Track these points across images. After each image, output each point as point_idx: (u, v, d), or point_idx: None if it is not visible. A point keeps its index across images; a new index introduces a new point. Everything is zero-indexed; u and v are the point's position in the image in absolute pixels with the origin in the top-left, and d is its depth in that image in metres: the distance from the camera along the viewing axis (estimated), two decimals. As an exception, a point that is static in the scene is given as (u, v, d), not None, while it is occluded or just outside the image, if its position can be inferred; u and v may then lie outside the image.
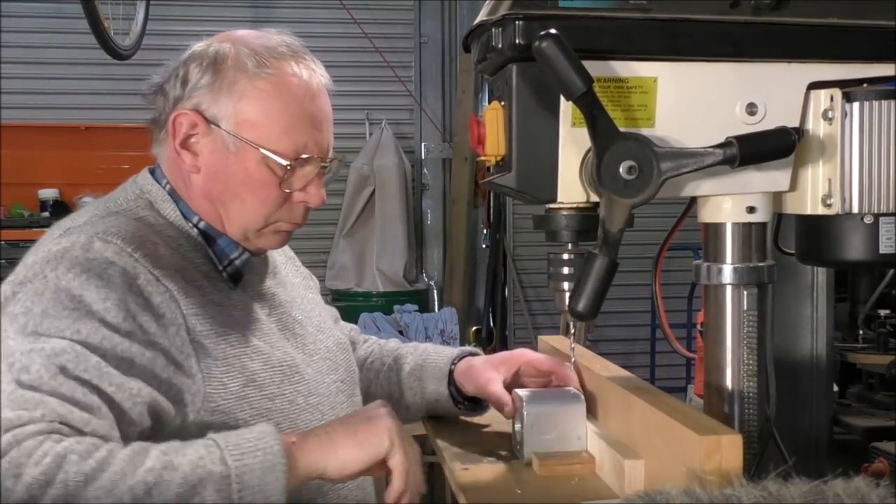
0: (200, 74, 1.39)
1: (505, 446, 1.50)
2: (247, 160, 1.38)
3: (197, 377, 1.28)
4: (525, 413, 1.42)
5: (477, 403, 1.65)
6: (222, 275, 1.42)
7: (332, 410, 1.46)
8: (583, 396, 1.46)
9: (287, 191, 1.40)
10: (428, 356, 1.71)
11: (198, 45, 1.44)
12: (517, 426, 1.45)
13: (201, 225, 1.42)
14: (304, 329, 1.52)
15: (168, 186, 1.44)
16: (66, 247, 1.25)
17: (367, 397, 1.65)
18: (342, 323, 1.80)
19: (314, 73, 1.44)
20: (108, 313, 1.20)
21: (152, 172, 1.47)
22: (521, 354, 1.62)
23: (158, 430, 1.22)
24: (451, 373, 1.65)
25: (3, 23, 5.37)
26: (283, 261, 1.66)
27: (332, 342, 1.59)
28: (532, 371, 1.60)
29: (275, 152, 1.37)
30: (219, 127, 1.38)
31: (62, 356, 1.14)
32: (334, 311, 1.78)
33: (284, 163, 1.37)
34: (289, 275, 1.64)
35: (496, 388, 1.55)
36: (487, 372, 1.59)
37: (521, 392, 1.48)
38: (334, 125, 1.47)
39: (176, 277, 1.30)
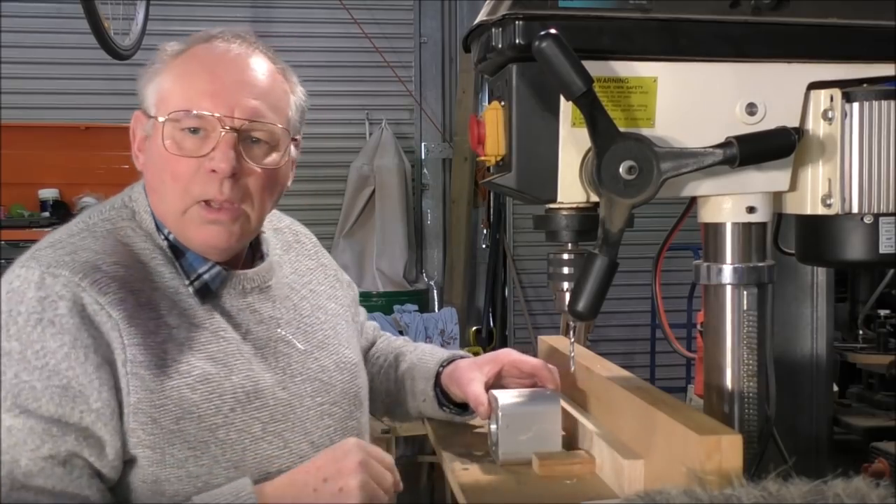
0: (142, 73, 1.40)
1: (505, 446, 1.49)
2: (158, 136, 1.34)
3: (124, 419, 1.25)
4: (500, 414, 1.42)
5: (464, 407, 1.64)
6: (189, 290, 1.36)
7: (305, 436, 1.39)
8: (559, 397, 1.46)
9: (191, 157, 1.32)
10: (423, 356, 1.71)
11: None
12: (493, 427, 1.46)
13: (171, 237, 1.38)
14: (290, 347, 1.45)
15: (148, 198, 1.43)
16: (19, 288, 1.24)
17: (371, 392, 1.63)
18: (367, 324, 1.80)
19: (237, 46, 1.38)
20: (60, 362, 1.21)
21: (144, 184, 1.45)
22: (506, 355, 1.61)
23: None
24: (438, 374, 1.65)
25: (3, 23, 5.37)
26: (312, 267, 1.62)
27: (330, 362, 1.50)
28: (515, 372, 1.59)
29: (173, 119, 1.33)
30: (147, 116, 1.37)
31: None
32: (363, 314, 1.77)
33: (160, 119, 1.33)
34: (311, 282, 1.59)
35: (475, 388, 1.54)
36: (469, 372, 1.58)
37: (496, 393, 1.47)
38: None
39: (125, 303, 1.26)
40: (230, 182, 1.33)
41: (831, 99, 1.18)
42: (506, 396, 1.45)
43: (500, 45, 1.13)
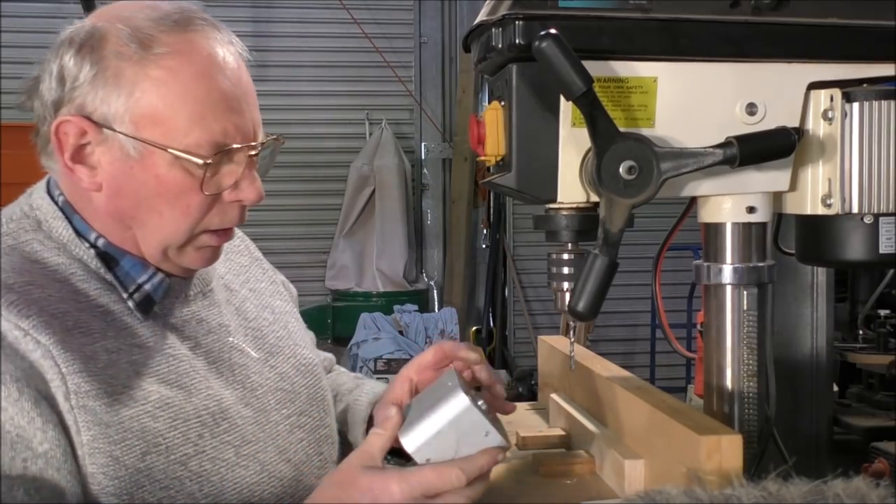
0: (78, 67, 1.12)
1: (505, 446, 1.49)
2: (155, 165, 1.12)
3: (80, 460, 1.04)
4: (415, 458, 1.13)
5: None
6: (127, 304, 1.15)
7: (281, 455, 1.23)
8: (459, 384, 1.14)
9: (212, 192, 1.15)
10: (358, 397, 1.47)
11: (69, 29, 1.17)
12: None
13: (100, 243, 1.16)
14: (244, 357, 1.27)
15: (62, 199, 1.19)
16: None
17: None
18: (322, 354, 1.55)
19: (220, 43, 1.17)
20: None
21: (49, 187, 1.22)
22: (405, 369, 1.34)
23: None
24: (370, 419, 1.42)
25: (3, 23, 5.37)
26: (245, 263, 1.43)
27: (289, 366, 1.33)
28: (418, 373, 1.32)
29: (186, 150, 1.11)
30: (113, 130, 1.11)
31: None
32: (311, 335, 1.51)
33: (200, 162, 1.11)
34: (249, 280, 1.41)
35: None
36: (380, 412, 1.34)
37: (401, 439, 1.14)
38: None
39: (51, 326, 1.04)
40: (246, 207, 1.20)
41: (831, 99, 1.18)
42: (405, 430, 1.12)
43: (500, 45, 1.13)
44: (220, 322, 1.27)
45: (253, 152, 1.17)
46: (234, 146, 1.14)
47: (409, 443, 1.11)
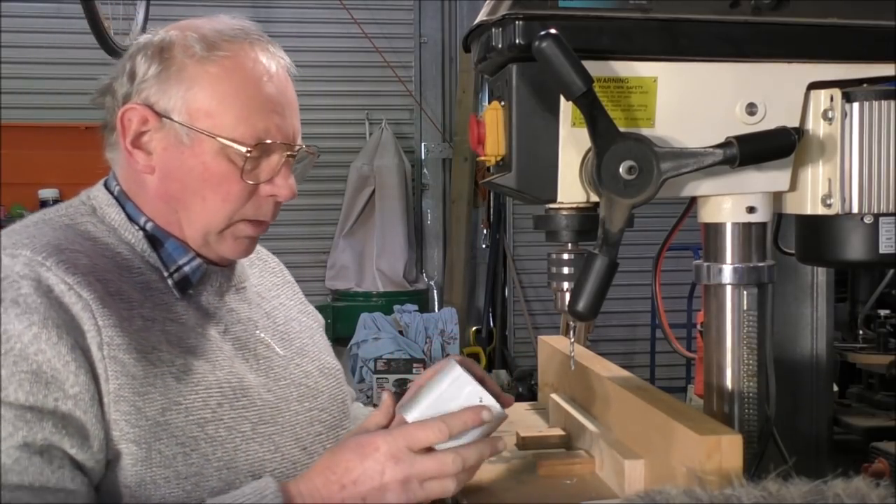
0: (147, 65, 1.29)
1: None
2: (203, 152, 1.27)
3: (104, 409, 1.14)
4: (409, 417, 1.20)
5: None
6: (167, 282, 1.29)
7: (296, 442, 1.31)
8: (454, 362, 1.23)
9: (251, 182, 1.28)
10: (364, 416, 1.50)
11: (144, 37, 1.33)
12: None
13: (148, 227, 1.30)
14: (270, 351, 1.37)
15: (118, 189, 1.33)
16: None
17: None
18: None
19: (272, 56, 1.33)
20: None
21: (106, 182, 1.36)
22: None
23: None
24: None
25: (3, 23, 5.37)
26: (278, 283, 1.56)
27: (313, 367, 1.43)
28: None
29: (232, 140, 1.26)
30: (171, 120, 1.27)
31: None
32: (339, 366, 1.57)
33: (243, 150, 1.26)
34: (280, 296, 1.53)
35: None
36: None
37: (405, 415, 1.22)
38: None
39: (94, 287, 1.16)
40: (279, 204, 1.33)
41: (831, 99, 1.18)
42: (408, 408, 1.21)
43: (500, 45, 1.13)
44: (250, 316, 1.39)
45: (290, 153, 1.31)
46: (274, 142, 1.28)
47: (408, 414, 1.19)
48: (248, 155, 1.26)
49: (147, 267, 1.28)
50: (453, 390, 1.20)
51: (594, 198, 1.14)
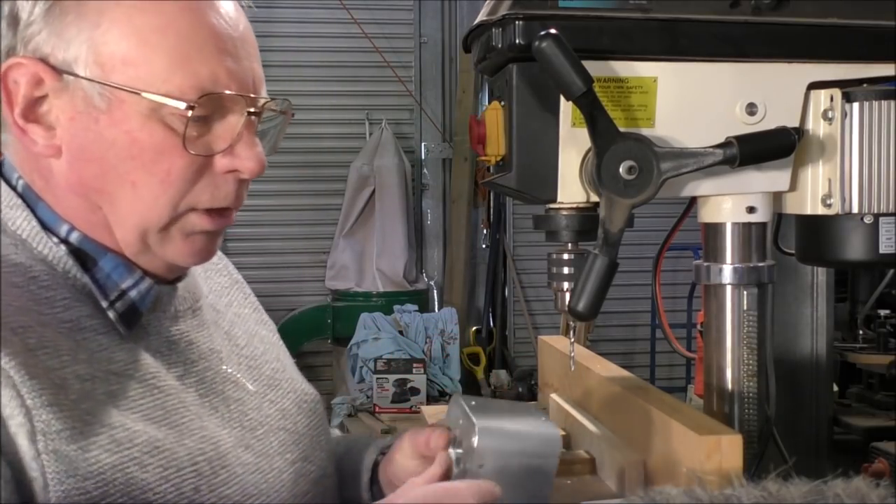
0: (33, 3, 0.89)
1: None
2: (126, 118, 0.89)
3: None
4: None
5: None
6: (105, 317, 0.92)
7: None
8: (556, 432, 1.01)
9: (200, 154, 0.91)
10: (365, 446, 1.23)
11: None
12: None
13: (73, 237, 0.93)
14: (240, 390, 1.04)
15: (21, 183, 0.95)
16: None
17: None
18: None
19: None
20: None
21: (2, 172, 0.97)
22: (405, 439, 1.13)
23: None
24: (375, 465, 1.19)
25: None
26: (227, 284, 1.19)
27: (289, 402, 1.11)
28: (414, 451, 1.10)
29: (166, 95, 0.88)
30: (75, 76, 0.88)
31: None
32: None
33: (183, 107, 0.88)
34: (233, 303, 1.18)
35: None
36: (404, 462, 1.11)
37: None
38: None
39: (11, 345, 0.81)
40: (246, 184, 0.97)
41: (831, 99, 1.18)
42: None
43: (500, 45, 1.13)
44: (212, 347, 1.04)
45: (252, 109, 0.94)
46: (227, 93, 0.91)
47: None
48: (192, 114, 0.89)
49: (74, 296, 0.91)
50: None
51: (594, 198, 1.14)
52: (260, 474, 1.00)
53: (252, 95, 0.94)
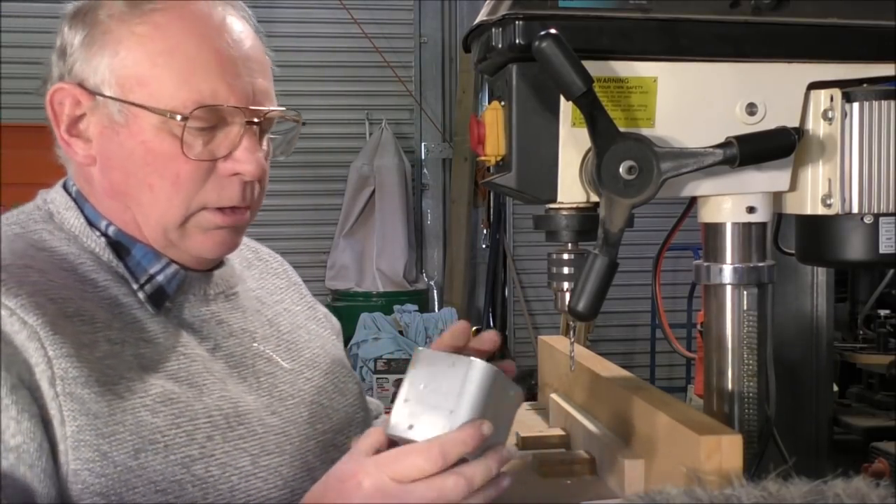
0: (73, 34, 1.08)
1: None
2: (141, 130, 1.05)
3: (59, 459, 0.95)
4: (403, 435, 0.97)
5: None
6: (138, 297, 1.08)
7: (308, 474, 1.09)
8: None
9: (200, 159, 1.06)
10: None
11: (73, 3, 1.11)
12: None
13: (111, 231, 1.10)
14: (273, 365, 1.17)
15: (74, 189, 1.14)
16: None
17: None
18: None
19: (224, 7, 1.11)
20: None
21: (65, 182, 1.17)
22: None
23: None
24: None
25: (3, 23, 5.37)
26: (282, 286, 1.35)
27: (327, 382, 1.23)
28: None
29: (172, 110, 1.04)
30: (103, 96, 1.06)
31: None
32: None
33: (179, 118, 1.04)
34: (285, 300, 1.32)
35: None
36: None
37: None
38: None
39: (44, 309, 0.97)
40: (251, 185, 1.11)
41: (831, 99, 1.18)
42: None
43: (500, 45, 1.13)
44: (244, 327, 1.18)
45: (254, 119, 1.09)
46: (222, 105, 1.06)
47: (388, 425, 0.97)
48: (187, 124, 1.04)
49: (115, 278, 1.08)
50: (420, 371, 0.99)
51: (594, 198, 1.14)
52: (284, 436, 1.11)
53: (251, 107, 1.08)
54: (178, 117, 1.04)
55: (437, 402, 0.95)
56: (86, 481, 0.95)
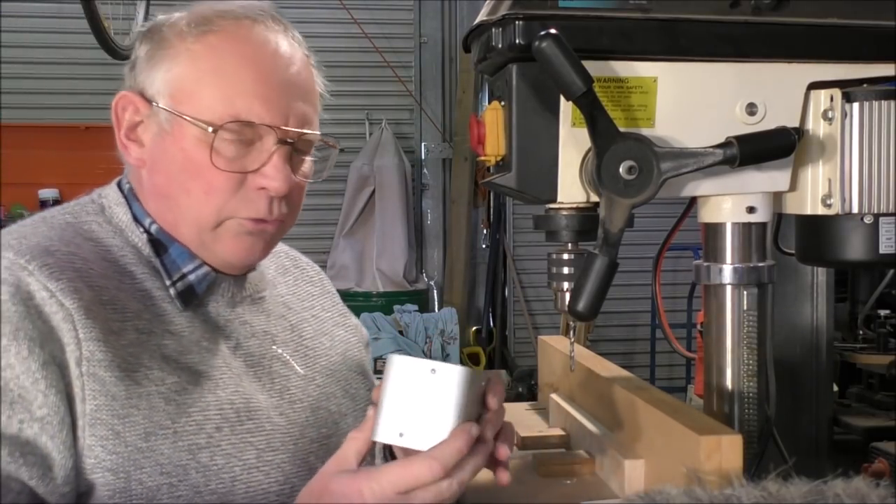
0: (142, 48, 1.19)
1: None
2: (183, 138, 1.14)
3: (77, 433, 1.02)
4: (389, 443, 1.03)
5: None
6: (169, 291, 1.16)
7: (309, 473, 1.10)
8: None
9: (230, 170, 1.13)
10: None
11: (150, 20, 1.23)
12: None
13: (153, 229, 1.18)
14: (287, 369, 1.24)
15: (127, 187, 1.23)
16: None
17: None
18: None
19: (276, 34, 1.19)
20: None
21: (119, 180, 1.27)
22: None
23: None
24: None
25: (3, 23, 5.37)
26: (315, 293, 1.41)
27: (338, 389, 1.29)
28: None
29: (209, 122, 1.12)
30: (157, 105, 1.16)
31: None
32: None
33: (209, 129, 1.12)
34: (314, 307, 1.39)
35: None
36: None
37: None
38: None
39: (81, 294, 1.05)
40: (279, 200, 1.17)
41: (831, 99, 1.18)
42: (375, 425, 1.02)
43: (500, 45, 1.13)
44: (266, 329, 1.25)
45: (287, 139, 1.15)
46: (253, 122, 1.13)
47: (375, 432, 1.00)
48: (218, 135, 1.12)
49: (151, 273, 1.16)
50: (403, 381, 1.00)
51: (594, 198, 1.14)
52: (288, 437, 1.17)
53: (284, 128, 1.15)
54: (210, 129, 1.12)
55: (423, 408, 1.00)
56: (98, 456, 1.02)
